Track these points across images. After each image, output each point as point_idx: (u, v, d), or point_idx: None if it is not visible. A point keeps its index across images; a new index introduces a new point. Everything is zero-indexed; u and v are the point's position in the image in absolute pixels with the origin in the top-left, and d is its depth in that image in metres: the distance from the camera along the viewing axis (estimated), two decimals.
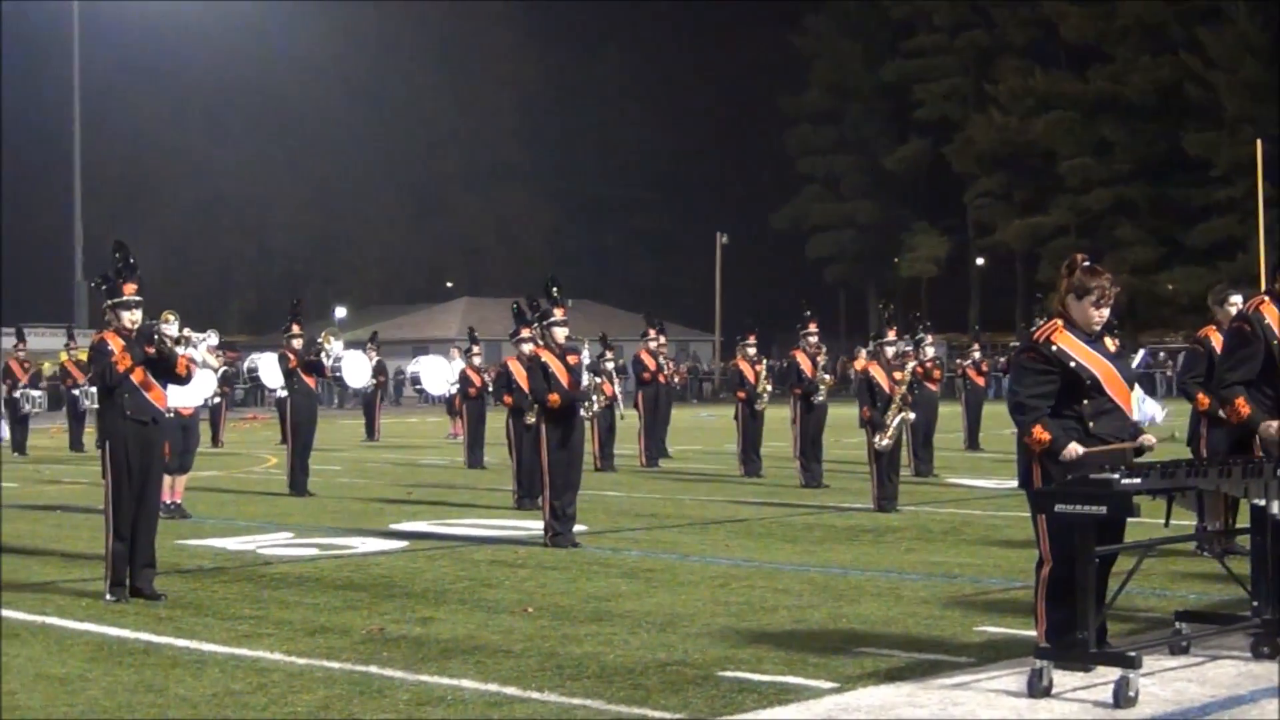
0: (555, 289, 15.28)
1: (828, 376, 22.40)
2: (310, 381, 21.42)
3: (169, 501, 17.22)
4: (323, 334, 21.59)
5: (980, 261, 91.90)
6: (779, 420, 28.06)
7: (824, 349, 22.97)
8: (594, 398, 15.89)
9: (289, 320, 21.40)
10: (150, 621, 10.59)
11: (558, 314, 15.21)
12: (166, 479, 16.40)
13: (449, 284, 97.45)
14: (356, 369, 26.67)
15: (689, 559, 13.69)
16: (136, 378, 11.64)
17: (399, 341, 74.29)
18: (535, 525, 15.79)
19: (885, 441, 17.82)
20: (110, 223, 71.07)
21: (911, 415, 18.55)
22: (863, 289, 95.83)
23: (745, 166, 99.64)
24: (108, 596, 11.51)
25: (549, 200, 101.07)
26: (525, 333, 18.54)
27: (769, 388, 24.43)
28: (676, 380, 30.95)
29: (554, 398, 14.83)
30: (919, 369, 21.03)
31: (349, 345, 26.98)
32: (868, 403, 17.99)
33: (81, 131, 65.36)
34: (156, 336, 11.82)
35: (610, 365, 24.07)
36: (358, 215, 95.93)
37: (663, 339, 28.00)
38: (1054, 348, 8.25)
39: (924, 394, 22.57)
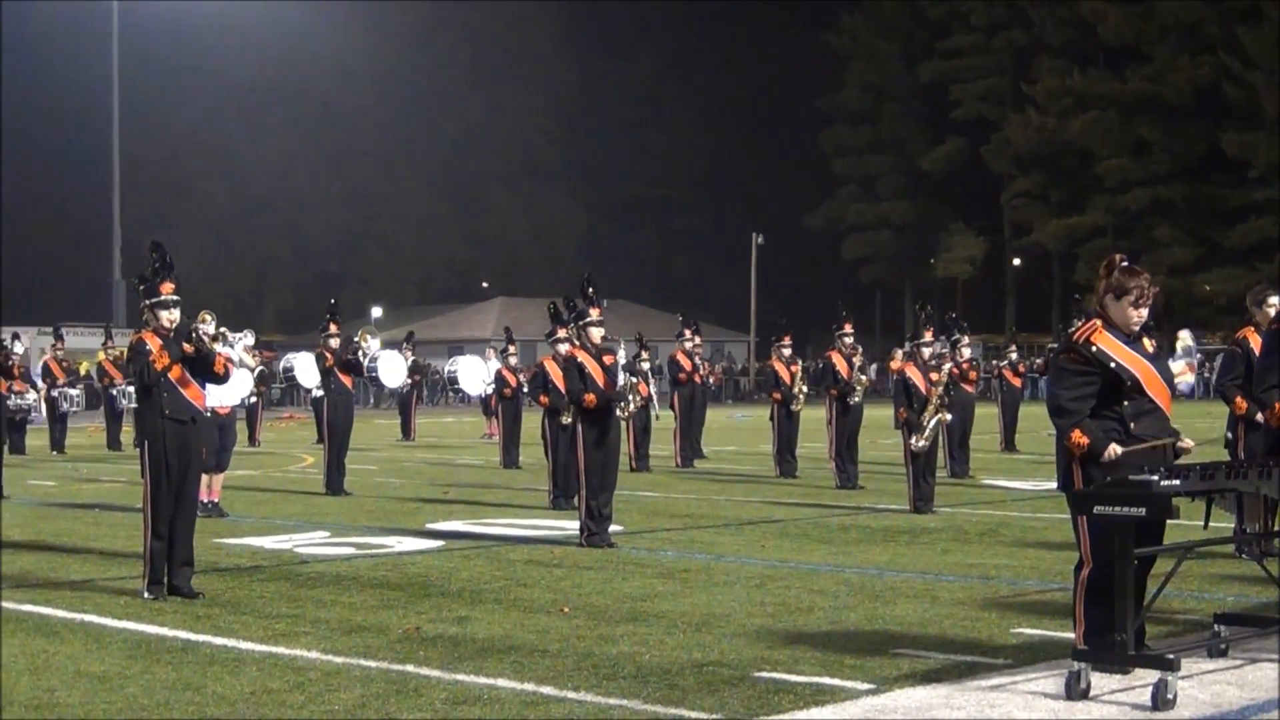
0: (591, 289, 15.27)
1: (863, 377, 22.36)
2: (347, 381, 21.47)
3: (206, 500, 17.26)
4: (359, 333, 21.64)
5: (1017, 262, 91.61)
6: (814, 421, 28.02)
7: (859, 350, 22.93)
8: (630, 398, 15.88)
9: (326, 320, 21.43)
10: (188, 619, 10.62)
11: (593, 314, 15.21)
12: (204, 478, 16.45)
13: (484, 284, 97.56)
14: (392, 369, 26.70)
15: (724, 559, 13.69)
16: (174, 376, 11.68)
17: (434, 341, 74.41)
18: (571, 525, 15.80)
19: (921, 443, 17.78)
20: (148, 222, 71.51)
21: (948, 416, 18.50)
22: (899, 289, 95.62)
23: (781, 167, 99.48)
24: (146, 594, 11.55)
25: (584, 200, 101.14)
26: (561, 332, 18.56)
27: (804, 388, 24.40)
28: (712, 381, 30.94)
29: (590, 398, 14.83)
30: (955, 370, 20.98)
31: (386, 345, 27.02)
32: (904, 404, 17.95)
33: (120, 130, 65.75)
34: (195, 335, 11.86)
35: (646, 365, 24.06)
36: (393, 215, 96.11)
37: (698, 339, 27.98)
38: (1094, 348, 8.21)
39: (960, 395, 22.51)
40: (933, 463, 18.16)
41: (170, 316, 11.79)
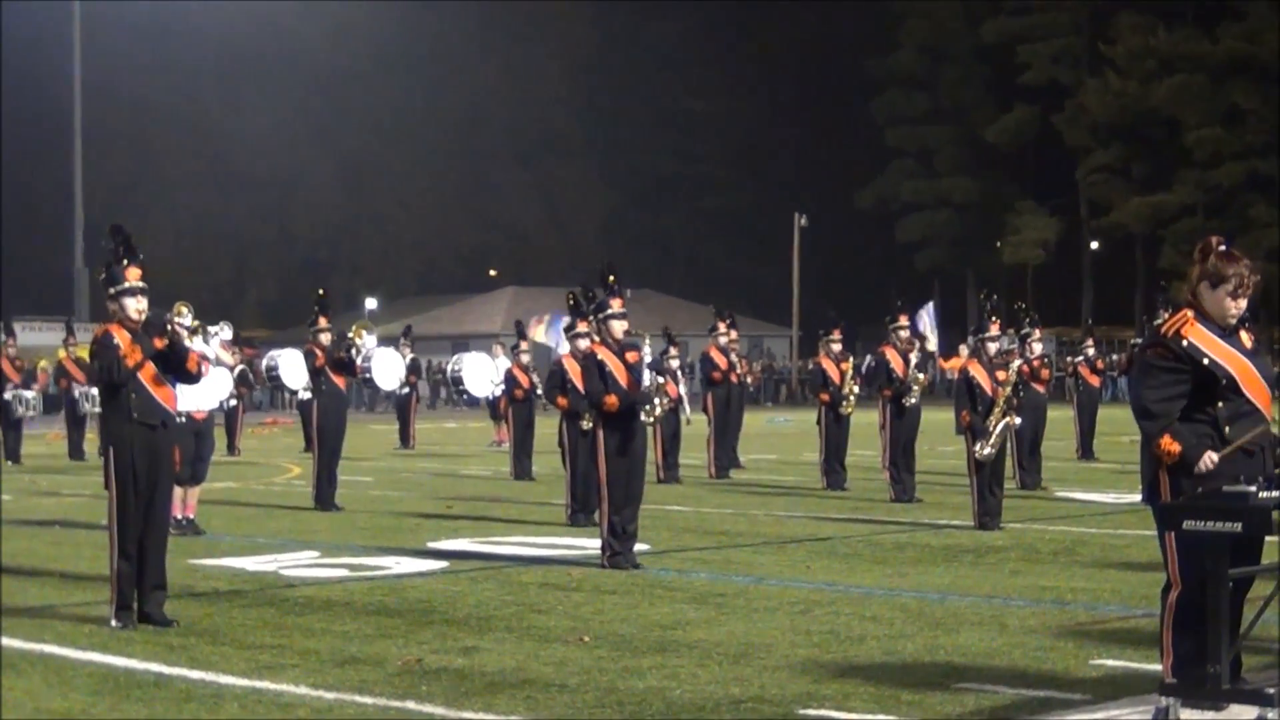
0: (612, 277, 15.28)
1: (921, 376, 22.33)
2: (339, 382, 21.50)
3: (180, 516, 17.30)
4: (353, 328, 21.67)
5: (1094, 246, 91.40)
6: (866, 426, 27.99)
7: (917, 345, 22.89)
8: (656, 400, 15.88)
9: (314, 313, 21.46)
10: (160, 650, 10.65)
11: (615, 305, 15.21)
12: (177, 491, 16.48)
13: (492, 272, 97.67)
14: (388, 368, 26.74)
15: (765, 582, 13.70)
16: (145, 376, 11.68)
17: (436, 337, 74.57)
18: (591, 543, 15.79)
19: (987, 450, 17.75)
20: (113, 204, 71.60)
21: (1017, 420, 18.46)
22: (960, 277, 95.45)
23: (827, 139, 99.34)
24: (113, 622, 11.57)
25: (605, 178, 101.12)
26: (581, 326, 18.55)
27: (855, 389, 24.35)
28: (749, 380, 30.90)
29: (611, 400, 14.83)
30: (1025, 368, 20.93)
31: (381, 342, 27.06)
32: (967, 406, 17.93)
33: (82, 102, 65.89)
34: (170, 328, 11.85)
35: (674, 363, 24.05)
36: (390, 195, 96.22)
37: (734, 334, 27.97)
38: (1184, 343, 8.16)
39: (1031, 396, 22.46)
40: (1000, 473, 18.13)
41: (138, 306, 11.79)
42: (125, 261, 11.81)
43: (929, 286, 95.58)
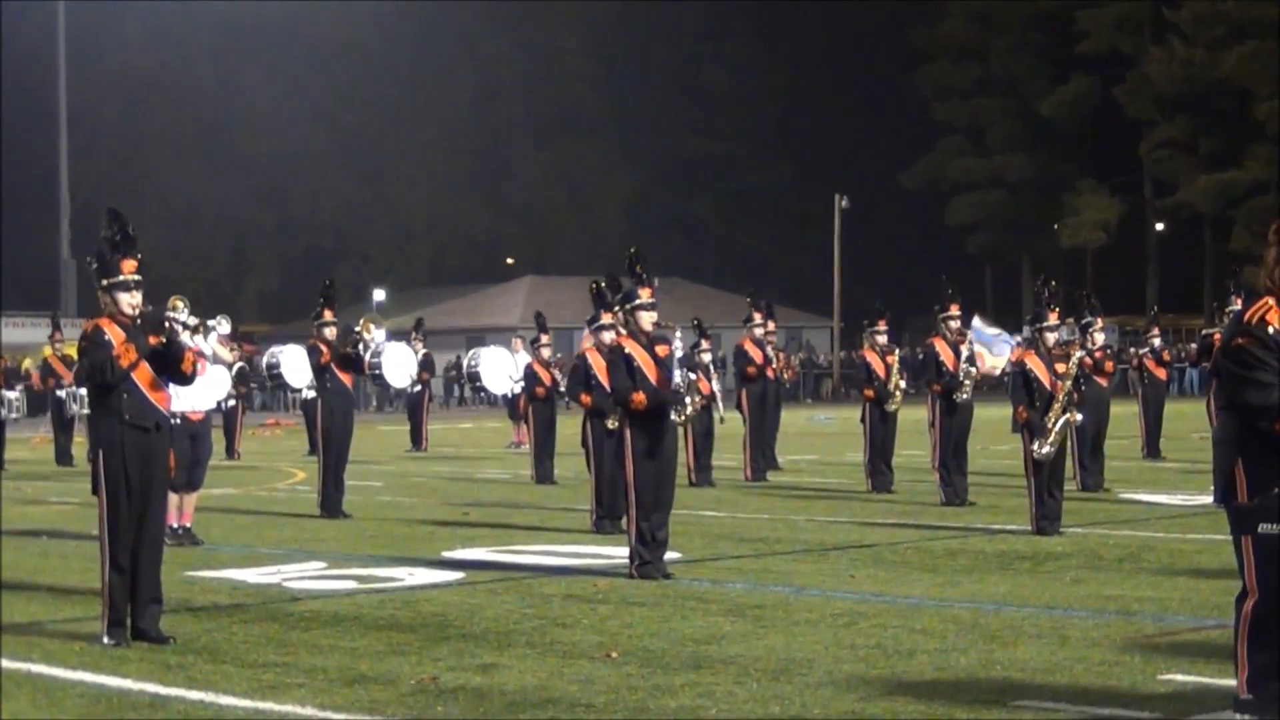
0: (639, 265, 15.27)
1: (974, 369, 22.29)
2: (346, 379, 21.54)
3: (176, 525, 17.35)
4: (361, 321, 21.70)
5: (1159, 227, 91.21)
6: (914, 423, 27.95)
7: (967, 336, 22.85)
8: (688, 399, 15.88)
9: (319, 305, 21.51)
10: (157, 669, 10.67)
11: (644, 295, 15.19)
12: (173, 498, 16.52)
13: (509, 260, 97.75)
14: (399, 364, 26.76)
15: (806, 593, 13.70)
16: (140, 376, 11.70)
17: (450, 330, 74.67)
18: (619, 552, 15.82)
19: (1046, 449, 17.73)
20: (102, 188, 71.82)
21: (1078, 417, 18.42)
22: (1015, 262, 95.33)
23: (869, 114, 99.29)
24: (106, 639, 11.60)
25: (629, 158, 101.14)
26: (606, 318, 18.52)
27: (902, 384, 24.32)
28: (787, 376, 30.92)
29: (639, 397, 14.81)
30: (1086, 360, 20.89)
31: (390, 336, 27.08)
32: (1024, 401, 17.90)
33: (67, 79, 66.04)
34: (167, 325, 11.87)
35: (707, 358, 24.02)
36: (399, 178, 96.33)
37: (770, 325, 27.95)
38: (1270, 329, 8.13)
39: (1092, 390, 22.41)
40: (1060, 473, 18.10)
41: (132, 300, 11.81)
42: (120, 251, 11.81)
43: (981, 272, 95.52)
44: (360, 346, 21.40)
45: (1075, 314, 24.33)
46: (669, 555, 15.10)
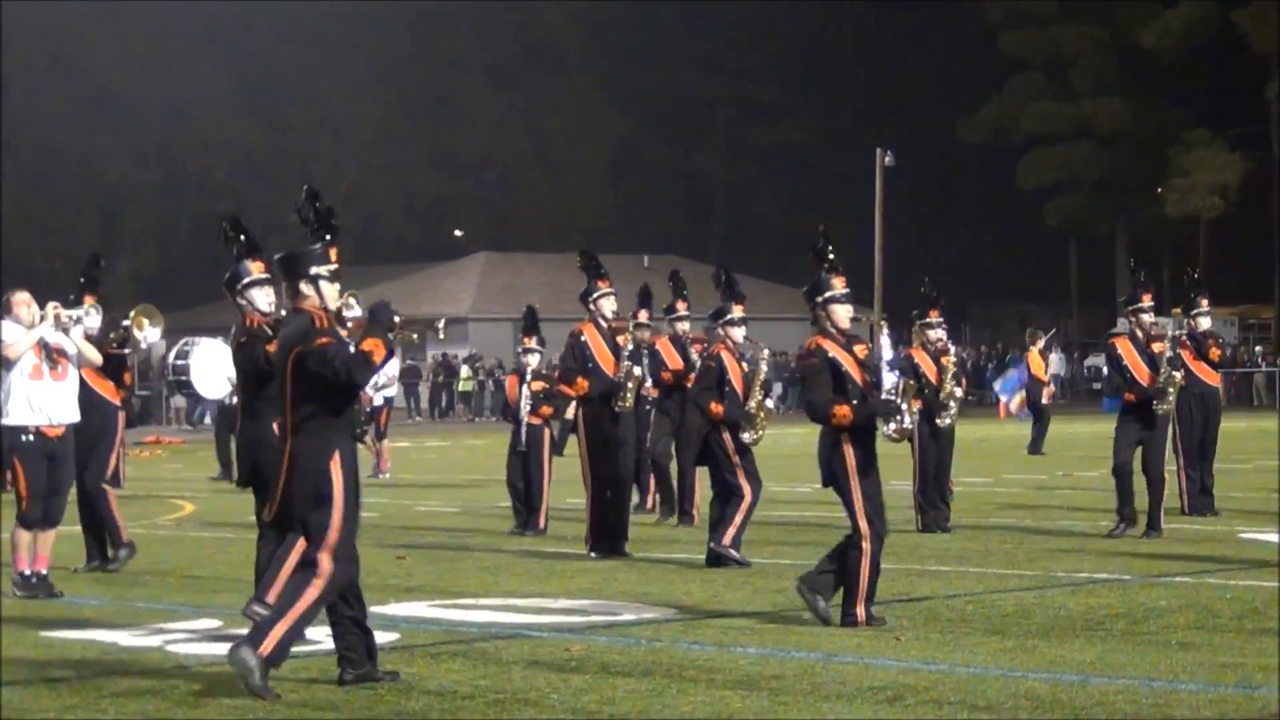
0: (829, 249, 16.13)
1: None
2: (105, 389, 20.27)
3: (29, 571, 17.29)
4: (132, 314, 20.29)
5: None
6: (976, 443, 27.97)
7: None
8: (903, 405, 15.98)
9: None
10: None
11: (837, 285, 15.91)
12: (24, 537, 16.51)
13: (458, 233, 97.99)
14: (212, 368, 25.57)
15: (837, 659, 13.72)
16: None
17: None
18: (596, 605, 15.85)
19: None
20: None
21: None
22: (1107, 236, 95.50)
23: (920, 48, 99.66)
24: None
25: (614, 101, 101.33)
26: (603, 283, 19.63)
27: (958, 392, 24.28)
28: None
29: (843, 410, 15.34)
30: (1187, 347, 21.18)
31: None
32: (1124, 385, 18.42)
33: None
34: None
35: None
36: (323, 128, 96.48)
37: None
38: None
39: (1195, 383, 22.55)
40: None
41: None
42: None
43: (1064, 249, 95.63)
44: (125, 346, 20.12)
45: (1184, 303, 24.23)
46: (660, 614, 15.08)
